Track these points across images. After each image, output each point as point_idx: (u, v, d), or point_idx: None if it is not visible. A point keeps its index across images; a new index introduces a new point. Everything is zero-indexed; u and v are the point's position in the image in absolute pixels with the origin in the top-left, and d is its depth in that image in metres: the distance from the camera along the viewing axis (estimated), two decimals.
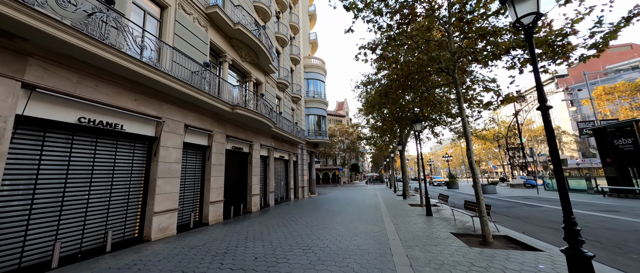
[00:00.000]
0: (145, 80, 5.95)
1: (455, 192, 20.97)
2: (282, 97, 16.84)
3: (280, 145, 15.62)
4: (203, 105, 8.12)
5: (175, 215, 6.94)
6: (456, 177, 25.14)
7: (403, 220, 8.41)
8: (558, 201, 12.13)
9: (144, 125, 6.43)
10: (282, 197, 16.09)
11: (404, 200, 15.54)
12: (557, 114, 59.50)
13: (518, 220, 8.02)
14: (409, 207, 11.77)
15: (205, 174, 8.70)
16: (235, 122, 10.37)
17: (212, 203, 8.57)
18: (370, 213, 10.09)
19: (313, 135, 21.64)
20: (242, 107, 9.18)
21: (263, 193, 13.35)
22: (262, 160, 13.48)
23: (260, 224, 8.18)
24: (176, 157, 7.15)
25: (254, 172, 11.84)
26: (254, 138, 12.10)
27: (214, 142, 9.03)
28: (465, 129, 6.48)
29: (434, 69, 6.18)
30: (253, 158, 11.88)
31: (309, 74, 22.89)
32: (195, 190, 8.28)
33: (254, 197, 11.58)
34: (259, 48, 11.61)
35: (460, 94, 6.67)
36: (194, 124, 8.02)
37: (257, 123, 10.99)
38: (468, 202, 7.66)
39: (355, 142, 49.99)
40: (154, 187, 6.41)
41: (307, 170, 20.67)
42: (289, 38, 19.42)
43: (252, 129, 11.95)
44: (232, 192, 10.35)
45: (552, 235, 6.09)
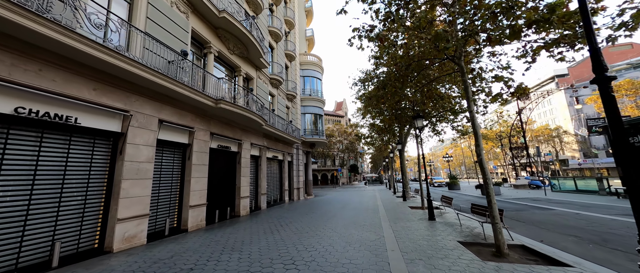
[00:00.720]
0: (106, 67, 5.15)
1: (457, 194, 20.18)
2: (276, 94, 16.04)
3: (274, 144, 14.81)
4: (182, 99, 7.32)
5: (146, 221, 6.11)
6: (457, 177, 24.31)
7: (403, 225, 7.60)
8: (573, 204, 11.37)
9: (107, 119, 5.61)
10: (276, 199, 15.27)
11: (404, 202, 14.73)
12: (557, 114, 58.91)
13: (532, 226, 7.23)
14: (409, 210, 10.97)
15: (185, 175, 7.88)
16: (221, 119, 9.56)
17: (193, 207, 7.74)
18: (368, 217, 9.29)
19: (309, 135, 20.84)
20: (226, 101, 8.37)
21: (254, 196, 12.53)
22: (252, 160, 12.66)
23: (245, 230, 7.36)
24: (148, 156, 6.33)
25: (243, 173, 11.02)
26: (243, 136, 11.29)
27: (196, 140, 8.21)
28: (473, 123, 5.70)
29: (440, 48, 5.37)
30: (242, 158, 11.07)
31: (305, 71, 22.11)
32: (172, 193, 7.45)
33: (242, 199, 10.75)
34: (249, 40, 10.82)
35: (468, 83, 5.90)
36: (171, 120, 7.21)
37: (246, 120, 10.18)
38: (476, 205, 6.87)
39: (354, 143, 49.23)
40: (118, 189, 5.58)
41: (303, 171, 19.85)
42: (284, 33, 18.65)
43: (241, 126, 11.14)
44: (218, 195, 9.52)
45: (576, 245, 5.29)
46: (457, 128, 13.41)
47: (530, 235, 6.19)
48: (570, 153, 53.47)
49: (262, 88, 13.76)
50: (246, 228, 7.74)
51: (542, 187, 18.68)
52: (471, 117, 5.75)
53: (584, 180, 15.21)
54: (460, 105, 10.53)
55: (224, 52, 10.32)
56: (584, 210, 9.50)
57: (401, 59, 6.80)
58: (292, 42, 20.03)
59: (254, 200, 12.47)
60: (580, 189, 15.13)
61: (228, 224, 8.50)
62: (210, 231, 7.38)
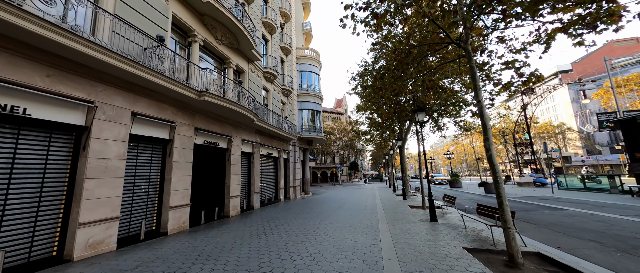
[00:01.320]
0: (63, 51, 4.49)
1: (459, 192, 19.53)
2: (270, 89, 15.37)
3: (268, 141, 14.17)
4: (160, 90, 6.66)
5: (115, 225, 5.49)
6: (459, 175, 23.62)
7: (403, 227, 6.97)
8: (585, 203, 10.68)
9: (66, 111, 4.96)
10: (271, 198, 14.67)
11: (404, 201, 14.10)
12: (560, 110, 58.00)
13: (545, 229, 6.58)
14: (409, 210, 10.33)
15: (166, 174, 7.24)
16: (207, 113, 8.91)
17: (174, 208, 7.12)
18: (365, 217, 8.66)
19: (306, 131, 20.18)
20: (211, 93, 7.71)
21: (246, 195, 11.92)
22: (244, 157, 12.03)
23: (230, 233, 6.74)
24: (118, 152, 5.69)
25: (234, 171, 10.39)
26: (233, 132, 10.64)
27: (178, 136, 7.57)
28: (482, 114, 5.03)
29: (444, 24, 4.68)
30: (232, 155, 10.43)
31: (302, 65, 21.39)
32: (149, 193, 6.83)
33: (232, 199, 10.14)
34: (238, 29, 10.12)
35: (475, 70, 5.21)
36: (147, 113, 6.56)
37: (236, 115, 9.53)
38: (483, 206, 6.22)
39: (353, 140, 48.58)
40: (81, 190, 4.95)
41: (299, 169, 19.23)
42: (279, 25, 17.92)
43: (232, 121, 10.50)
44: (204, 194, 8.91)
45: (600, 253, 4.64)
46: (460, 123, 12.71)
47: (544, 240, 5.55)
48: (574, 150, 52.72)
49: (255, 82, 13.09)
50: (232, 230, 7.12)
51: (547, 184, 18.00)
52: (479, 107, 5.08)
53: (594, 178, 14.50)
54: (464, 99, 9.84)
55: (211, 41, 9.63)
56: (599, 210, 8.84)
57: (400, 44, 6.11)
58: (288, 35, 19.29)
59: (246, 199, 11.87)
60: (589, 187, 14.44)
61: (214, 226, 7.89)
62: (193, 234, 6.76)
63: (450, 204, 8.84)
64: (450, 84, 10.37)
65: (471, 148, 65.82)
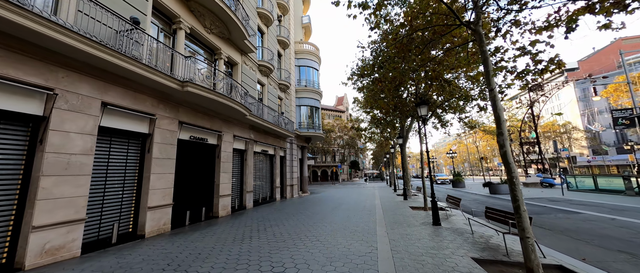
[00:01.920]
0: (9, 28, 3.88)
1: (463, 192, 18.84)
2: (266, 83, 14.73)
3: (263, 137, 13.55)
4: (135, 79, 6.05)
5: (80, 228, 4.90)
6: (462, 174, 22.91)
7: (403, 232, 6.33)
8: (601, 206, 9.95)
9: (20, 99, 4.36)
10: (266, 197, 14.07)
11: (405, 201, 13.45)
12: (565, 109, 56.88)
13: (562, 236, 5.91)
14: (410, 212, 9.69)
15: (144, 171, 6.65)
16: (193, 106, 8.29)
17: (153, 208, 6.53)
18: (362, 219, 8.03)
19: (305, 128, 19.55)
20: (196, 84, 7.09)
21: (238, 194, 11.33)
22: (236, 154, 11.43)
23: (213, 237, 6.14)
24: (84, 147, 5.09)
25: (224, 169, 9.79)
26: (224, 127, 10.03)
27: (158, 130, 6.96)
28: (495, 104, 4.37)
29: (451, 4, 4.02)
30: (222, 151, 9.83)
31: (301, 60, 20.73)
32: (125, 192, 6.23)
33: (222, 198, 9.54)
34: (229, 18, 9.48)
35: (487, 53, 4.54)
36: (121, 103, 5.95)
37: (225, 108, 8.91)
38: (492, 210, 5.56)
39: (354, 138, 47.93)
40: (36, 189, 4.36)
41: (297, 167, 18.63)
42: (276, 17, 17.27)
43: (222, 116, 9.88)
44: (190, 193, 8.31)
45: (635, 268, 3.97)
46: (465, 120, 12.00)
47: (564, 250, 4.88)
48: (579, 150, 51.70)
49: (249, 75, 12.45)
50: (216, 233, 6.52)
51: (555, 185, 17.25)
52: (492, 96, 4.41)
53: (606, 178, 13.72)
54: (469, 94, 9.13)
55: (199, 30, 9.00)
56: (618, 214, 8.13)
57: (401, 26, 5.43)
58: (285, 28, 18.62)
59: (238, 198, 11.28)
60: (602, 189, 13.68)
61: (199, 228, 7.30)
62: (172, 238, 6.17)
63: (454, 206, 8.18)
64: (454, 78, 9.68)
65: (474, 148, 64.95)
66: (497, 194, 14.81)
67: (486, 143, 52.61)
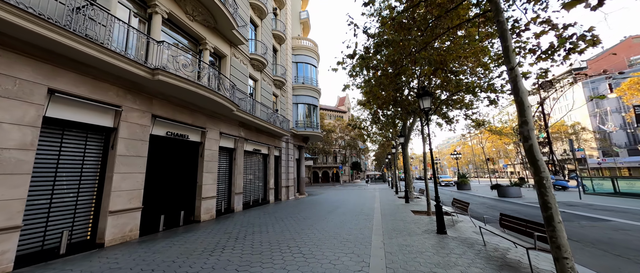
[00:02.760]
0: None
1: (469, 195, 17.80)
2: (259, 79, 13.93)
3: (255, 136, 12.74)
4: (95, 64, 5.27)
5: (14, 238, 4.09)
6: (467, 176, 21.77)
7: (402, 242, 5.43)
8: (628, 212, 8.85)
9: None
10: (258, 198, 13.23)
11: (406, 204, 12.51)
12: (573, 111, 55.25)
13: (596, 249, 4.95)
14: (411, 217, 8.77)
15: (107, 170, 5.84)
16: (171, 99, 7.50)
17: (116, 213, 5.72)
18: (357, 225, 7.14)
19: (302, 127, 18.72)
20: (169, 73, 6.29)
21: (225, 196, 10.50)
22: (224, 153, 10.62)
23: (182, 246, 5.31)
24: (21, 141, 4.29)
25: (208, 168, 8.98)
26: (209, 123, 9.23)
27: (126, 123, 6.17)
28: (517, 87, 3.50)
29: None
30: (206, 149, 9.02)
31: (298, 57, 19.93)
32: (80, 194, 5.43)
33: (205, 201, 8.72)
34: (213, 4, 8.71)
35: (505, 25, 3.67)
36: (76, 91, 5.16)
37: (208, 102, 8.12)
38: (509, 217, 4.65)
39: (355, 139, 47.00)
40: None
41: (293, 167, 17.78)
42: (272, 10, 16.50)
43: (207, 111, 9.09)
44: (166, 195, 7.50)
45: None
46: (472, 117, 11.02)
47: (603, 269, 3.94)
48: (588, 152, 50.10)
49: (239, 69, 11.66)
50: (188, 242, 5.69)
51: (568, 188, 16.15)
52: (512, 77, 3.53)
53: (627, 180, 12.62)
54: (479, 84, 8.19)
55: (180, 16, 8.22)
56: None
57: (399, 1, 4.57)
58: (282, 22, 17.85)
59: (225, 200, 10.45)
60: (624, 192, 12.58)
61: (174, 234, 6.48)
62: (135, 247, 5.36)
63: (461, 211, 7.24)
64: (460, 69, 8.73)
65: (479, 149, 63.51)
66: (507, 197, 13.78)
67: (492, 144, 51.27)
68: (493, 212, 10.07)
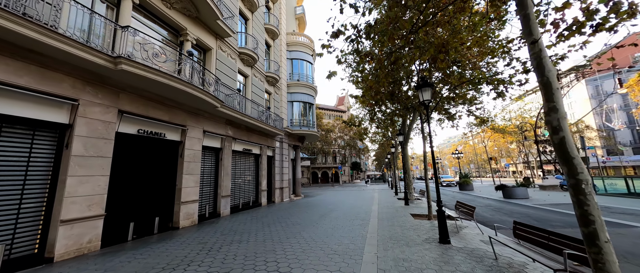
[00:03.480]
0: None
1: (472, 196, 17.00)
2: (250, 75, 13.20)
3: (245, 135, 12.00)
4: (42, 50, 4.54)
5: None
6: (470, 176, 20.96)
7: (399, 254, 4.67)
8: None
9: None
10: (249, 201, 12.48)
11: (406, 206, 11.74)
12: (576, 108, 54.33)
13: (632, 265, 4.18)
14: (411, 221, 8.00)
15: (60, 173, 5.10)
16: (142, 93, 6.75)
17: (69, 222, 4.97)
18: (350, 233, 6.39)
19: (297, 126, 17.97)
20: (133, 61, 5.55)
21: (210, 199, 9.76)
22: (209, 153, 9.88)
23: (142, 262, 4.57)
24: None
25: (188, 170, 8.24)
26: (189, 121, 8.49)
27: (84, 120, 5.43)
28: (542, 64, 2.74)
29: None
30: (187, 149, 8.28)
31: (294, 53, 19.20)
32: (23, 201, 4.68)
33: (185, 205, 7.98)
34: None
35: None
36: (17, 82, 4.42)
37: (186, 97, 7.39)
38: (525, 227, 3.89)
39: (354, 138, 46.25)
40: None
41: (288, 168, 17.03)
42: (265, 3, 15.77)
43: (187, 107, 8.35)
44: (137, 200, 6.75)
45: None
46: (476, 113, 10.24)
47: None
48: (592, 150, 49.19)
49: (226, 63, 10.93)
50: (153, 254, 4.94)
51: None
52: (535, 53, 2.77)
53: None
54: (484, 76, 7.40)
55: (155, 3, 7.49)
56: None
57: None
58: (275, 16, 17.13)
59: (210, 204, 9.70)
60: (638, 192, 11.77)
61: (143, 245, 5.74)
62: (89, 262, 4.62)
63: (466, 216, 6.47)
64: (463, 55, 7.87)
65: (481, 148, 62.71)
66: (512, 199, 12.97)
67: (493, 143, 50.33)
68: (500, 216, 9.28)
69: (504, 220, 8.51)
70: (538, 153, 16.95)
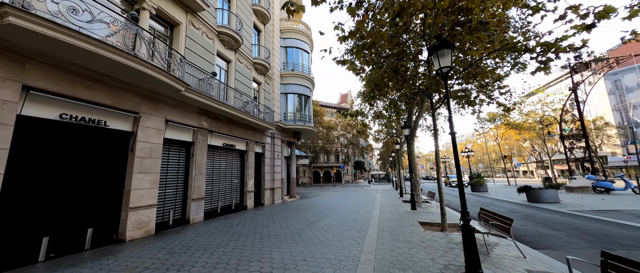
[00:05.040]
0: None
1: (488, 198, 15.06)
2: (233, 60, 11.56)
3: (226, 128, 10.39)
4: None
5: None
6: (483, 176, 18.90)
7: None
8: None
9: None
10: (231, 204, 10.87)
11: (413, 211, 9.96)
12: (594, 105, 51.26)
13: None
14: (420, 234, 6.23)
15: None
16: (65, 66, 5.14)
17: None
18: (337, 254, 4.68)
19: (291, 120, 16.30)
20: (29, 14, 3.93)
21: (178, 203, 8.16)
22: (175, 147, 8.28)
23: None
24: None
25: (143, 167, 6.64)
26: (144, 107, 6.89)
27: None
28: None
29: None
30: (140, 142, 6.68)
31: (288, 41, 17.52)
32: None
33: (136, 212, 6.38)
34: None
35: None
36: None
37: (134, 76, 5.80)
38: (618, 260, 2.09)
39: (357, 136, 44.40)
40: None
41: (281, 166, 15.38)
42: None
43: (141, 90, 6.75)
44: (55, 207, 5.15)
45: None
46: (503, 95, 8.24)
47: None
48: (611, 149, 46.32)
49: (200, 43, 9.31)
50: None
51: (613, 190, 13.24)
52: None
53: None
54: (515, 45, 5.52)
55: None
56: None
57: None
58: None
59: (177, 209, 8.10)
60: None
61: (54, 268, 4.14)
62: None
63: (501, 232, 4.67)
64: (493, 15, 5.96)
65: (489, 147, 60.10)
66: (539, 203, 10.98)
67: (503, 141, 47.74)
68: (534, 227, 7.40)
69: (543, 232, 6.65)
70: (565, 150, 14.91)
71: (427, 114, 13.32)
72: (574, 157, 16.45)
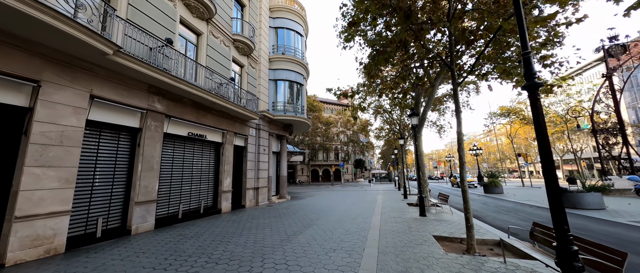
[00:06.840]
0: None
1: (507, 201, 12.99)
2: (205, 32, 9.55)
3: (192, 114, 8.42)
4: None
5: None
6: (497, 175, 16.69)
7: None
8: None
9: None
10: (199, 207, 8.91)
11: (421, 218, 7.94)
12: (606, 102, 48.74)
13: None
14: (438, 256, 4.20)
15: None
16: None
17: None
18: None
19: (281, 111, 14.29)
20: None
21: (116, 208, 6.19)
22: (109, 134, 6.30)
23: None
24: None
25: (41, 159, 4.68)
26: (49, 74, 4.93)
27: None
28: None
29: None
30: (38, 122, 4.72)
31: (279, 20, 15.47)
32: None
33: (29, 223, 4.42)
34: None
35: None
36: None
37: (13, 17, 3.80)
38: None
39: (357, 133, 42.34)
40: None
41: (269, 163, 13.40)
42: None
43: (44, 50, 4.78)
44: None
45: None
46: (549, 67, 6.16)
47: None
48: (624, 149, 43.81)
49: (154, 3, 7.30)
50: None
51: None
52: None
53: None
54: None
55: None
56: None
57: None
58: None
59: (112, 216, 6.12)
60: None
61: None
62: None
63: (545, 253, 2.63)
64: None
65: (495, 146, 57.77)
66: (578, 209, 8.87)
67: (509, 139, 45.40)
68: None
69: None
70: (597, 146, 12.80)
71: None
72: (609, 154, 14.29)
